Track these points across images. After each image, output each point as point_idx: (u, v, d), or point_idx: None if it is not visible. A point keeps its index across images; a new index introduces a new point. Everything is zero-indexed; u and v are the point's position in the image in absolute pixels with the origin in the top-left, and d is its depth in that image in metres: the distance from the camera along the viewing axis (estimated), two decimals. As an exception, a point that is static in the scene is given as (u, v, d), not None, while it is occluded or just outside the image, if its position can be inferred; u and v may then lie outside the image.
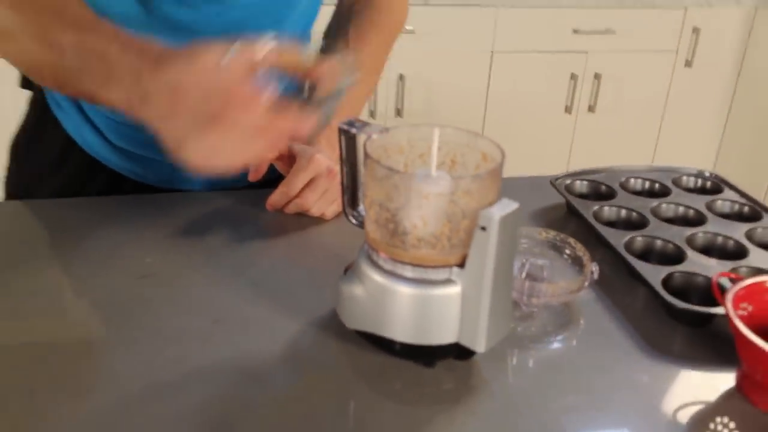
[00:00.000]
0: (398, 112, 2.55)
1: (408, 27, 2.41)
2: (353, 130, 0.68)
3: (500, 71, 2.57)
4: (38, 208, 0.92)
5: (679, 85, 2.73)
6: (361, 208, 0.73)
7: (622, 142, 2.77)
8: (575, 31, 2.56)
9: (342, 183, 0.71)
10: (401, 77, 2.49)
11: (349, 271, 0.69)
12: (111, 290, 0.75)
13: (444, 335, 0.64)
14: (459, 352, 0.66)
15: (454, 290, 0.63)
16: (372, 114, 2.54)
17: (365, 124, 0.68)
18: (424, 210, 0.61)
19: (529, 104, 2.63)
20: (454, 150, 0.67)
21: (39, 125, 1.02)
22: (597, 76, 2.63)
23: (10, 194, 1.05)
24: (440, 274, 0.63)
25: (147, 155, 0.98)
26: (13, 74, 0.90)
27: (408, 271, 0.63)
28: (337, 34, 1.02)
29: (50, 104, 0.99)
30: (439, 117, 2.57)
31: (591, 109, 2.68)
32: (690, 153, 2.85)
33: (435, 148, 0.64)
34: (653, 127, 2.80)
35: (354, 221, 0.72)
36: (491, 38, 2.51)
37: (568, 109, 2.67)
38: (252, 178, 0.88)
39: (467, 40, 2.50)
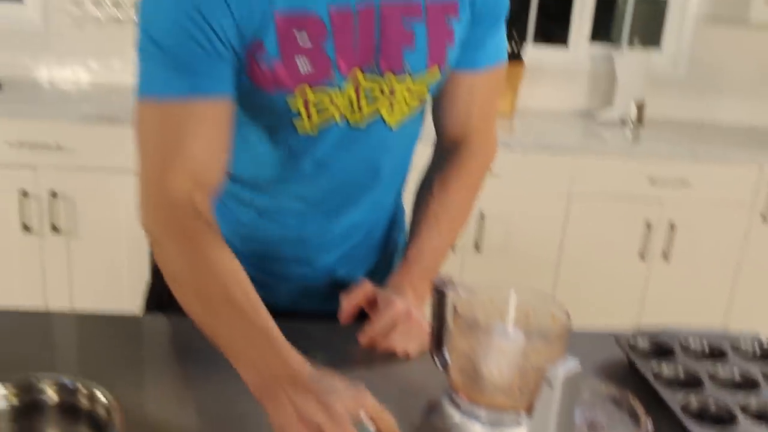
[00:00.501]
0: (477, 247, 2.68)
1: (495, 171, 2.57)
2: (444, 289, 0.81)
3: (577, 214, 2.68)
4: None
5: (755, 239, 2.78)
6: (445, 352, 0.84)
7: (695, 293, 2.81)
8: (651, 181, 2.67)
9: (432, 332, 0.83)
10: (482, 215, 2.64)
11: (433, 407, 0.81)
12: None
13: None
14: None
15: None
16: (452, 248, 2.67)
17: (454, 284, 0.81)
18: (500, 361, 0.73)
19: (604, 248, 2.73)
20: (527, 307, 0.79)
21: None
22: (672, 226, 2.72)
23: (149, 307, 1.17)
24: (511, 419, 0.74)
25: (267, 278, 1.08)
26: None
27: (483, 413, 0.74)
28: (421, 194, 1.16)
29: None
30: (516, 254, 2.68)
31: (665, 257, 2.75)
32: (765, 310, 2.86)
33: (512, 310, 0.76)
34: (728, 280, 2.84)
35: (438, 364, 0.84)
36: (569, 182, 2.65)
37: (642, 256, 2.75)
38: (343, 321, 1.01)
39: (546, 182, 2.64)
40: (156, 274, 1.16)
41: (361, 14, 0.90)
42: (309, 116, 0.94)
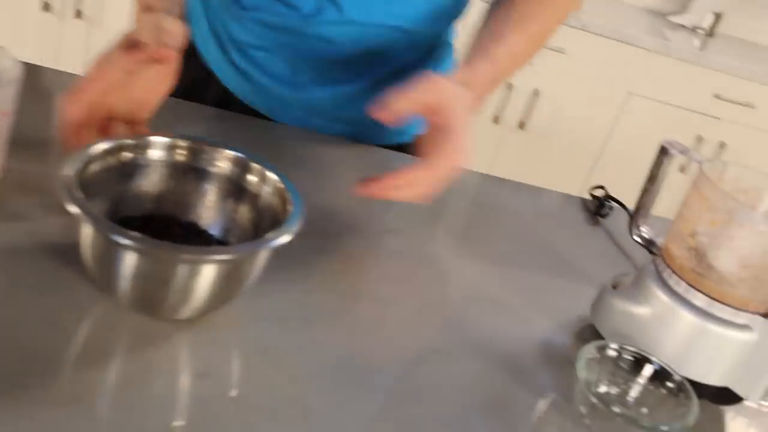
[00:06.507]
0: (521, 125, 2.53)
1: (559, 45, 2.40)
2: (674, 151, 0.67)
3: (631, 113, 2.54)
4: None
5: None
6: (644, 229, 0.71)
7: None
8: (716, 96, 2.52)
9: (641, 198, 0.70)
10: (536, 92, 2.47)
11: (622, 286, 0.68)
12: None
13: (717, 377, 0.63)
14: (719, 395, 0.64)
15: (751, 337, 0.62)
16: (496, 120, 2.52)
17: (687, 149, 0.67)
18: (746, 248, 0.60)
19: (648, 152, 2.60)
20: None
21: None
22: (722, 145, 2.60)
23: None
24: (739, 317, 0.62)
25: (263, 82, 0.95)
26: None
27: (705, 304, 0.62)
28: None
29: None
30: (559, 139, 2.55)
31: (706, 175, 2.65)
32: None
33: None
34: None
35: (639, 240, 0.71)
36: (633, 78, 2.48)
37: (682, 169, 2.64)
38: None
39: (610, 73, 2.47)
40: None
41: None
42: None
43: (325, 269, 0.68)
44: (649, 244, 0.71)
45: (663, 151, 0.67)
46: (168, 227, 0.63)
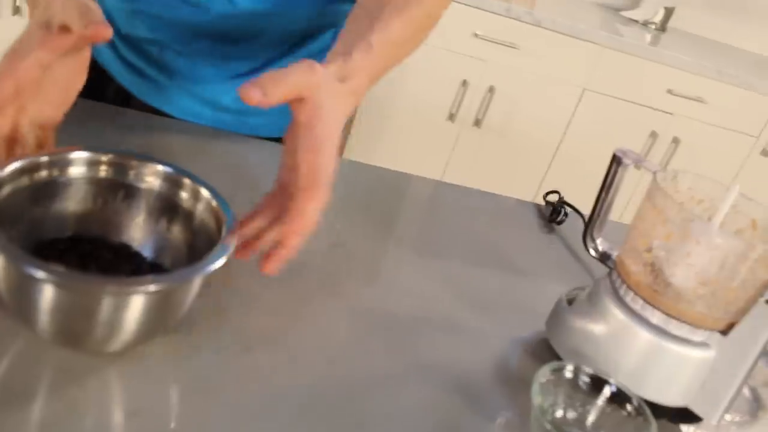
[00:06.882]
0: (477, 122, 2.51)
1: (512, 41, 2.38)
2: (624, 158, 0.65)
3: (586, 109, 2.54)
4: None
5: (751, 170, 2.72)
6: (599, 241, 0.69)
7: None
8: (669, 91, 2.53)
9: (595, 209, 0.68)
10: (491, 89, 2.45)
11: (577, 301, 0.66)
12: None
13: (673, 397, 0.61)
14: (678, 416, 0.63)
15: (708, 355, 0.60)
16: (452, 117, 2.50)
17: (640, 157, 0.65)
18: (703, 263, 0.58)
19: (603, 149, 2.61)
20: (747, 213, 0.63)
21: None
22: (675, 140, 2.61)
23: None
24: (696, 335, 0.60)
25: (153, 75, 0.91)
26: None
27: (662, 322, 0.60)
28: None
29: None
30: (515, 136, 2.54)
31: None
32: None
33: (727, 205, 0.61)
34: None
35: (593, 253, 0.69)
36: (587, 74, 2.48)
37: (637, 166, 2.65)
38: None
39: (564, 69, 2.47)
40: None
41: None
42: None
43: (264, 290, 0.64)
44: (604, 258, 0.69)
45: (616, 161, 0.65)
46: (96, 249, 0.58)
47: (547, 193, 0.94)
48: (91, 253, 0.57)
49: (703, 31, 3.02)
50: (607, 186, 0.66)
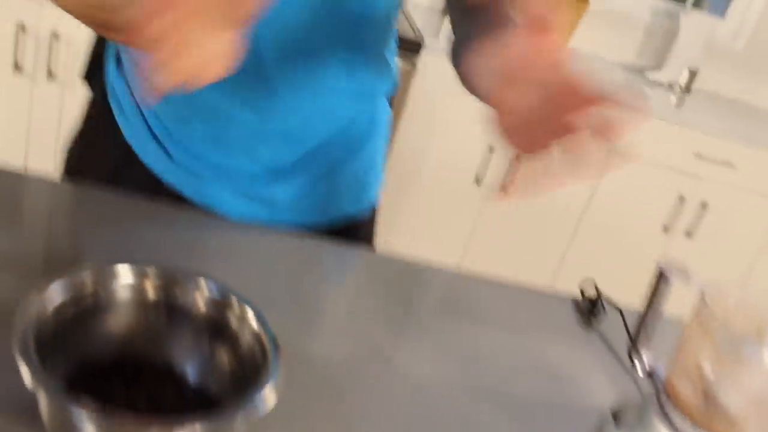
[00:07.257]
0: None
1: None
2: (670, 274, 0.64)
3: (612, 173, 2.53)
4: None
5: (781, 235, 2.69)
6: (644, 356, 0.68)
7: (709, 274, 2.72)
8: (696, 155, 2.52)
9: (640, 326, 0.67)
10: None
11: (624, 421, 0.65)
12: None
13: None
14: None
15: (763, 482, 0.58)
16: (478, 181, 2.50)
17: (687, 272, 0.64)
18: (757, 386, 0.57)
19: (630, 213, 2.59)
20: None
21: (97, 132, 0.89)
22: (704, 205, 2.59)
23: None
24: (750, 461, 0.58)
25: (207, 172, 0.86)
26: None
27: (713, 447, 0.59)
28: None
29: (112, 106, 0.86)
30: (541, 201, 2.54)
31: (689, 234, 2.64)
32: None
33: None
34: (745, 268, 2.75)
35: (641, 373, 0.67)
36: (612, 139, 2.48)
37: (666, 229, 2.63)
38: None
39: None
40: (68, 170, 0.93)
41: None
42: None
43: (310, 415, 0.63)
44: (651, 375, 0.67)
45: (661, 277, 0.64)
46: (140, 373, 0.58)
47: (583, 281, 0.93)
48: (135, 378, 0.57)
49: (728, 92, 3.01)
50: (651, 303, 0.65)
